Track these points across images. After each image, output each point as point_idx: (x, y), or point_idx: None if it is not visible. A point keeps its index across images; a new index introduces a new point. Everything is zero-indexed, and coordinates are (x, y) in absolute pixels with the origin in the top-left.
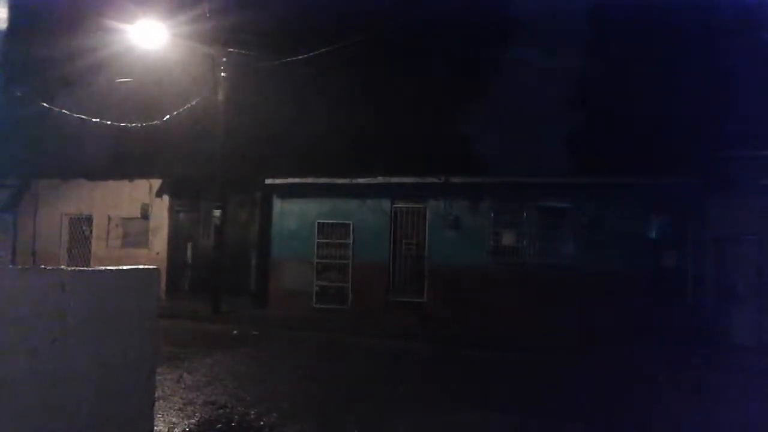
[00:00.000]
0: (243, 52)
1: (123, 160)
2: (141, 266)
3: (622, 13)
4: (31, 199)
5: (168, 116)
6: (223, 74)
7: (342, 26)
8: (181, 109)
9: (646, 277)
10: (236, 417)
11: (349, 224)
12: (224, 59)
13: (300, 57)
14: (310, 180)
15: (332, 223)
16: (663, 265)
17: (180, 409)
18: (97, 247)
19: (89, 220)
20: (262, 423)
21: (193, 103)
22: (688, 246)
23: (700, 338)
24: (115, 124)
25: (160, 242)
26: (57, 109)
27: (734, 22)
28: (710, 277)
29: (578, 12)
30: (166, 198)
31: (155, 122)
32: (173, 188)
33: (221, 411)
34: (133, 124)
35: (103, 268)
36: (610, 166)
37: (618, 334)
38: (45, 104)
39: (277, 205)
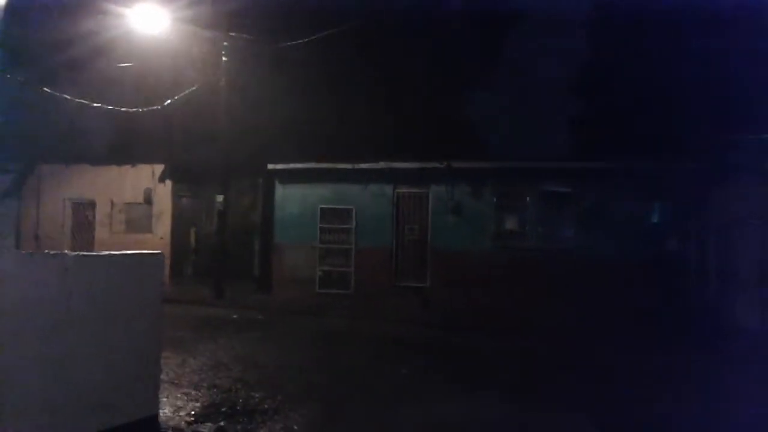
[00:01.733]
0: (245, 36)
1: (125, 145)
2: (145, 251)
3: None
4: (34, 185)
5: (170, 101)
6: (224, 59)
7: (344, 10)
8: (182, 94)
9: (649, 263)
10: (240, 401)
11: (351, 209)
12: (226, 43)
13: (302, 41)
14: (312, 165)
15: (335, 209)
16: (666, 251)
17: (185, 393)
18: (100, 232)
19: (92, 205)
20: (266, 406)
21: (195, 87)
22: (692, 231)
23: (703, 323)
24: (117, 108)
25: (163, 227)
26: (59, 94)
27: (738, 7)
28: (713, 261)
29: None
30: (168, 183)
31: (157, 107)
32: (176, 173)
33: (226, 395)
34: (135, 109)
35: (106, 252)
36: (613, 151)
37: (620, 319)
38: (46, 89)
39: (280, 190)
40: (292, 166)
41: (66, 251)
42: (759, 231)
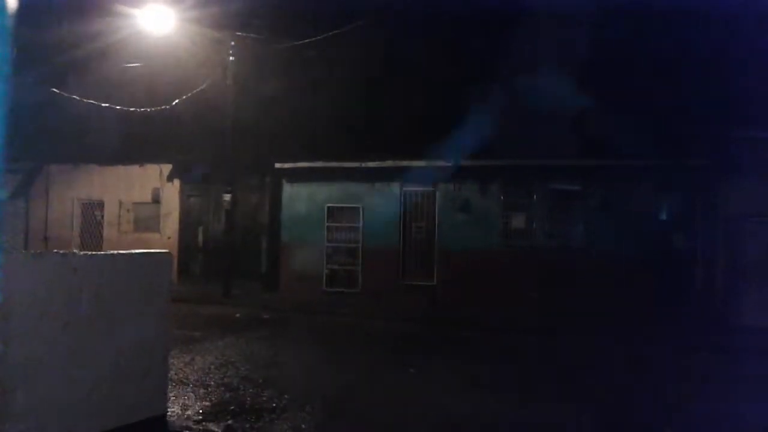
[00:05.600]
0: (252, 35)
1: (133, 145)
2: (153, 250)
3: None
4: (43, 185)
5: (177, 101)
6: (231, 58)
7: (351, 9)
8: (190, 94)
9: (656, 259)
10: (248, 399)
11: (358, 208)
12: (233, 43)
13: (309, 40)
14: (319, 164)
15: (342, 207)
16: (673, 247)
17: (193, 392)
18: (108, 231)
19: (101, 205)
20: (274, 405)
21: (203, 87)
22: (698, 227)
23: (711, 319)
24: (125, 108)
25: (171, 227)
26: (67, 95)
27: (744, 4)
28: (720, 258)
29: None
30: (176, 182)
31: (165, 107)
32: (184, 173)
33: (233, 393)
34: (143, 109)
35: (115, 252)
36: (619, 148)
37: (628, 315)
38: (55, 90)
39: (287, 189)
40: (299, 164)
41: (74, 251)
42: (765, 226)
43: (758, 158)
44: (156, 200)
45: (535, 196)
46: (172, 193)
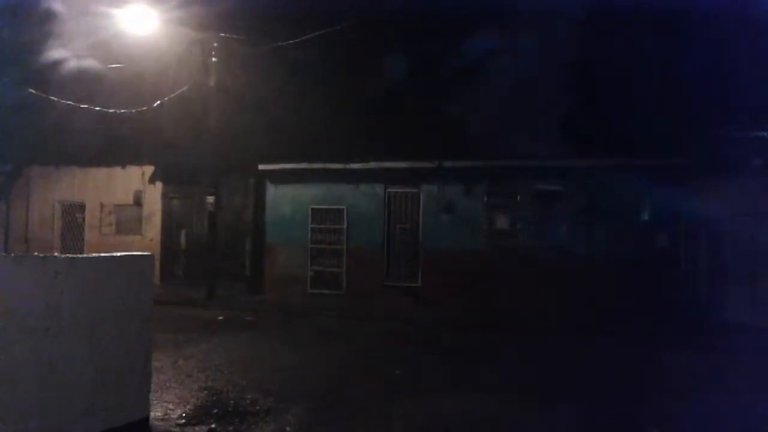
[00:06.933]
0: (234, 36)
1: (115, 146)
2: (135, 253)
3: None
4: (24, 187)
5: (159, 102)
6: (214, 59)
7: (335, 10)
8: (172, 95)
9: (639, 259)
10: (232, 402)
11: (343, 209)
12: (215, 44)
13: (292, 41)
14: (303, 165)
15: (326, 209)
16: (657, 247)
17: (176, 395)
18: (90, 234)
19: (82, 207)
20: (258, 407)
21: (185, 88)
22: (682, 227)
23: (694, 319)
24: (107, 110)
25: (153, 229)
26: (47, 96)
27: (729, 3)
28: (704, 257)
29: None
30: (158, 184)
31: (147, 108)
32: (166, 174)
33: (217, 396)
34: (125, 110)
35: (96, 255)
36: (602, 148)
37: (611, 315)
38: (33, 91)
39: (271, 190)
40: (283, 166)
41: (56, 254)
42: (749, 226)
43: (742, 157)
44: (138, 202)
45: (519, 197)
46: (154, 195)
